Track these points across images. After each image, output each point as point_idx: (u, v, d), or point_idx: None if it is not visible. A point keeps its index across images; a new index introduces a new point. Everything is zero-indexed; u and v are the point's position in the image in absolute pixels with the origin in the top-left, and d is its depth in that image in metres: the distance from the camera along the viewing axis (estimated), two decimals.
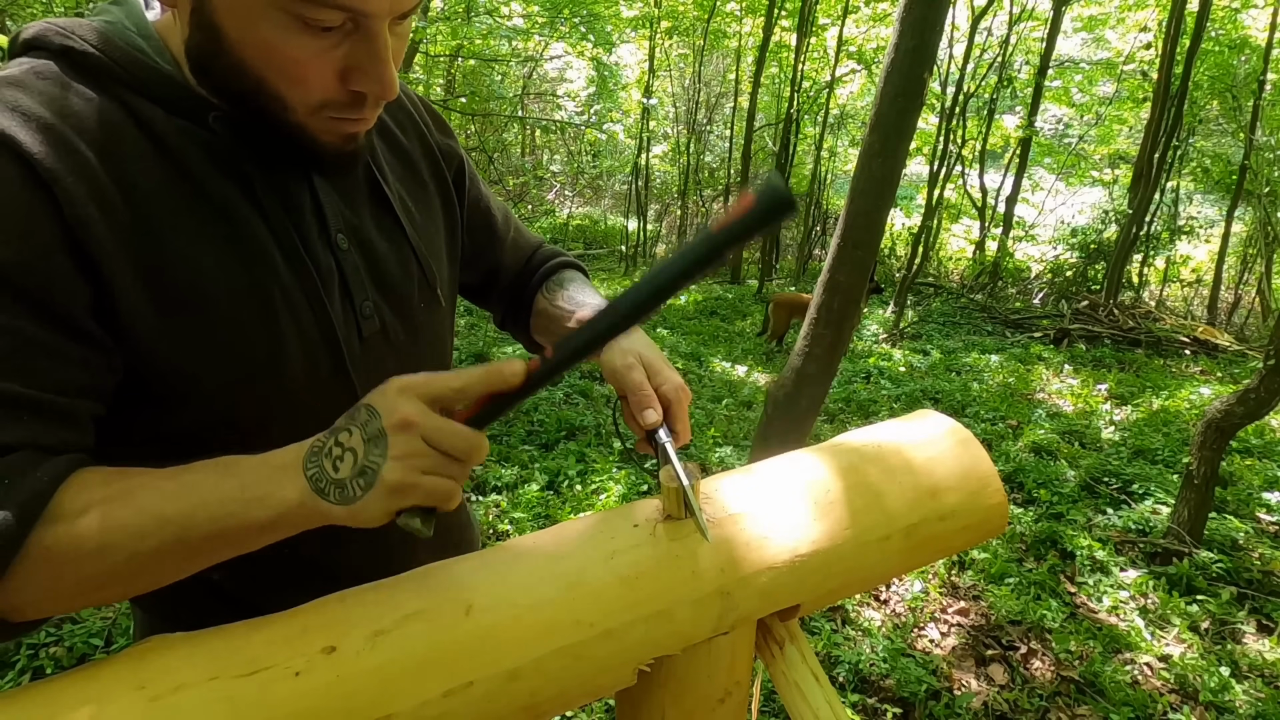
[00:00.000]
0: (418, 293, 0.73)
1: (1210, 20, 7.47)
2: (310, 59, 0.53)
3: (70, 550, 0.48)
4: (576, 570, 0.57)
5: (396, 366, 0.67)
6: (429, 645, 0.51)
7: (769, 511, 0.65)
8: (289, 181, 0.63)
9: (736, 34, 10.63)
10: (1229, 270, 9.61)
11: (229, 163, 0.59)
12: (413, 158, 0.77)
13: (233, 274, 0.58)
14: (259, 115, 0.56)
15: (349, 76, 0.55)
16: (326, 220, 0.65)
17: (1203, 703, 2.14)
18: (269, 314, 0.60)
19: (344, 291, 0.66)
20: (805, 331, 2.45)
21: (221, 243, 0.58)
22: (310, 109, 0.56)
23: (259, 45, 0.52)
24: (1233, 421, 2.64)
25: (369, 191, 0.71)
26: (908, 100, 2.18)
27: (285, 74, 0.54)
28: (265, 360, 0.61)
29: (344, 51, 0.54)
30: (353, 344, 0.67)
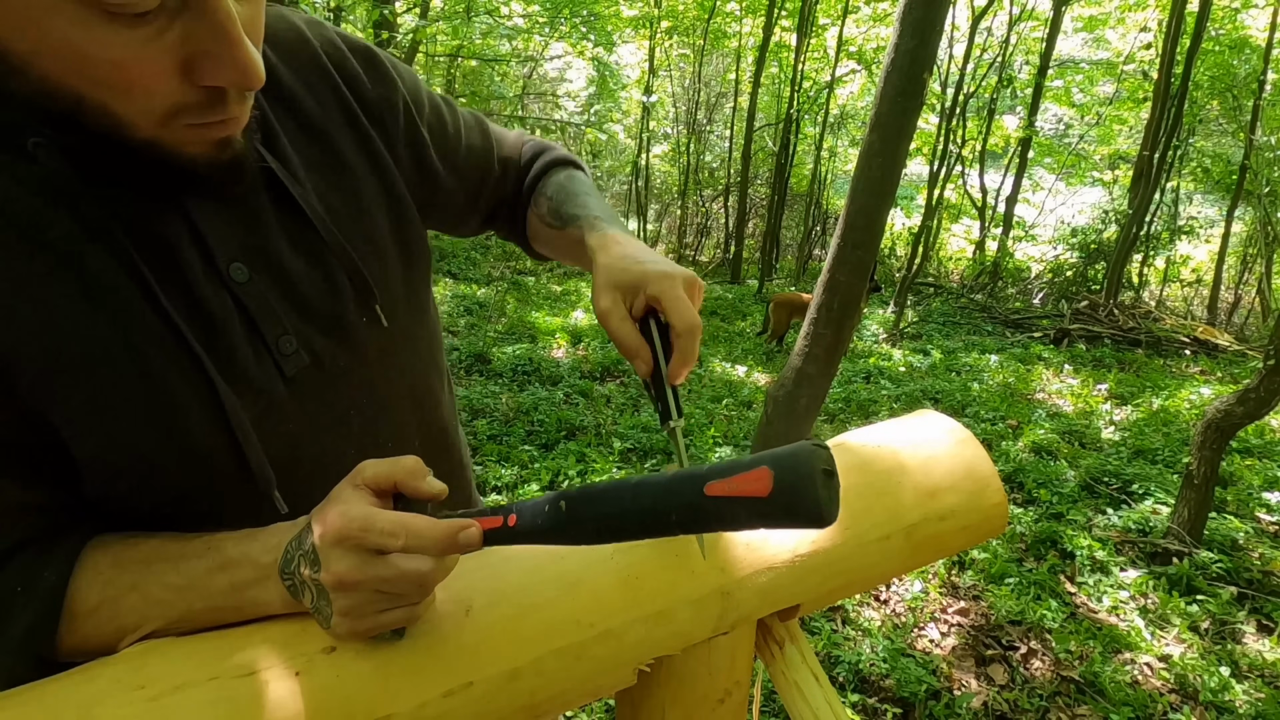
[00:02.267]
0: (353, 310, 0.61)
1: (1210, 20, 7.47)
2: (131, 58, 0.40)
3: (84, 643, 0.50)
4: (576, 570, 0.57)
5: (346, 400, 0.62)
6: (429, 645, 0.51)
7: None
8: (152, 211, 0.51)
9: (736, 34, 10.63)
10: (1229, 270, 9.61)
11: (67, 200, 0.47)
12: (326, 131, 0.62)
13: (91, 337, 0.48)
14: (95, 140, 0.44)
15: (193, 69, 0.43)
16: (212, 251, 0.53)
17: (1203, 703, 2.14)
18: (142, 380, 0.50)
19: (248, 330, 0.55)
20: (805, 331, 2.45)
21: (73, 301, 0.47)
22: (157, 120, 0.44)
23: (58, 52, 0.39)
24: (1233, 421, 2.64)
25: (272, 198, 0.57)
26: (908, 100, 2.18)
27: (106, 84, 0.41)
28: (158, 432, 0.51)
29: (176, 37, 0.41)
30: (272, 388, 0.56)
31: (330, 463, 0.59)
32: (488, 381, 4.54)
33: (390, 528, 0.45)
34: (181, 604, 0.50)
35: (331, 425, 0.61)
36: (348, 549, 0.45)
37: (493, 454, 3.50)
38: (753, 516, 0.38)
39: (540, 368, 4.80)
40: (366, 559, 0.45)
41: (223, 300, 0.54)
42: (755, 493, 0.38)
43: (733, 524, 0.39)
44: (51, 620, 0.49)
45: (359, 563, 0.45)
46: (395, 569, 0.45)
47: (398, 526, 0.45)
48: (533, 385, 4.52)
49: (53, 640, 0.50)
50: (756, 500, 0.38)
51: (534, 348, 5.29)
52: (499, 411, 4.02)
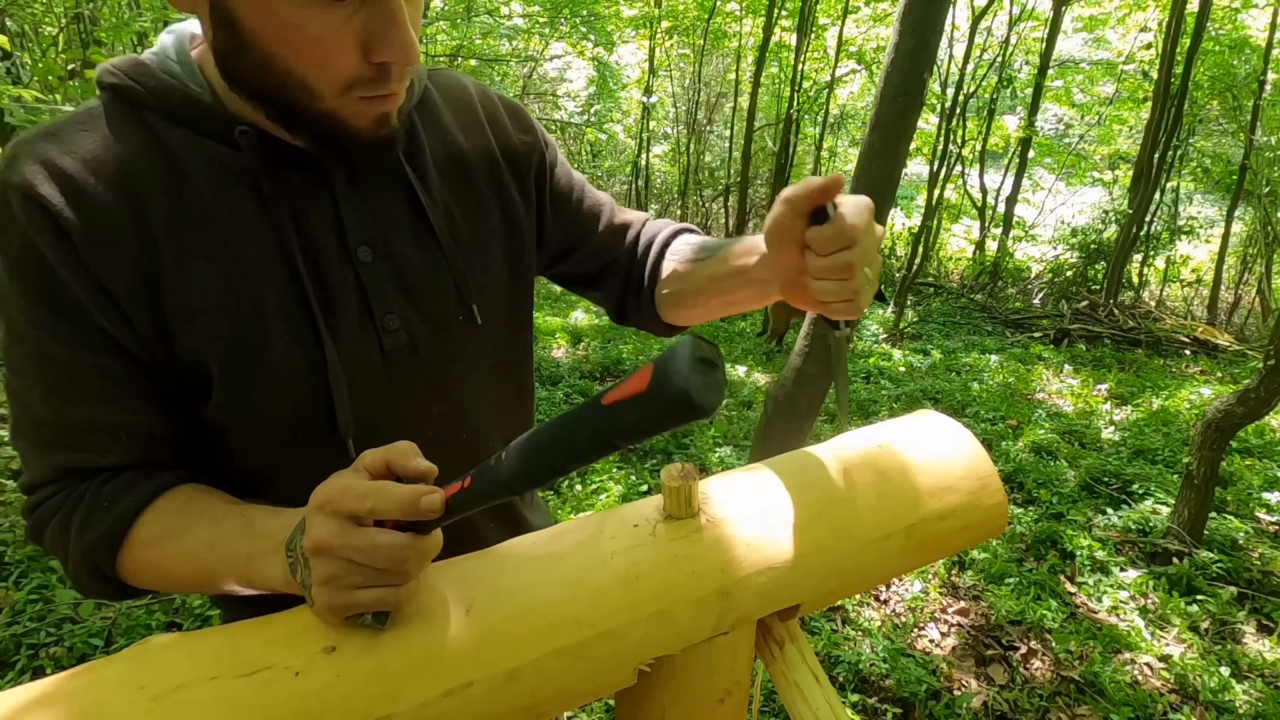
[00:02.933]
0: (453, 306, 0.71)
1: (1210, 20, 7.46)
2: (329, 35, 0.53)
3: (137, 569, 0.61)
4: (576, 570, 0.57)
5: (429, 383, 0.71)
6: (429, 645, 0.51)
7: (769, 511, 0.65)
8: (309, 195, 0.63)
9: (736, 34, 10.62)
10: (1229, 270, 9.60)
11: (248, 179, 0.61)
12: (469, 164, 0.74)
13: (241, 289, 0.60)
14: (290, 111, 0.57)
15: (370, 48, 0.55)
16: (346, 232, 0.64)
17: (1203, 703, 2.14)
18: (270, 326, 0.61)
19: (362, 304, 0.65)
20: (805, 331, 2.45)
21: (229, 260, 0.60)
22: (338, 91, 0.56)
23: (277, 29, 0.53)
24: (1233, 421, 2.64)
25: (407, 201, 0.69)
26: (908, 100, 2.18)
27: (308, 55, 0.54)
28: (269, 373, 0.62)
29: (360, 22, 0.54)
30: (372, 357, 0.66)
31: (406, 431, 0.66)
32: None
33: (363, 491, 0.48)
34: (208, 561, 0.57)
35: (413, 403, 0.70)
36: (327, 514, 0.48)
37: None
38: (641, 416, 0.38)
39: (540, 368, 4.80)
40: (344, 525, 0.48)
41: (346, 275, 0.64)
42: (638, 390, 0.38)
43: (630, 431, 0.39)
44: (114, 540, 0.59)
45: (336, 529, 0.48)
46: (369, 539, 0.48)
47: (369, 490, 0.48)
48: None
49: (112, 559, 0.60)
50: (639, 396, 0.38)
51: (534, 348, 5.29)
52: None
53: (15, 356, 0.59)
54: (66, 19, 5.68)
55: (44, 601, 2.19)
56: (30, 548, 2.37)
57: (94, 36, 5.36)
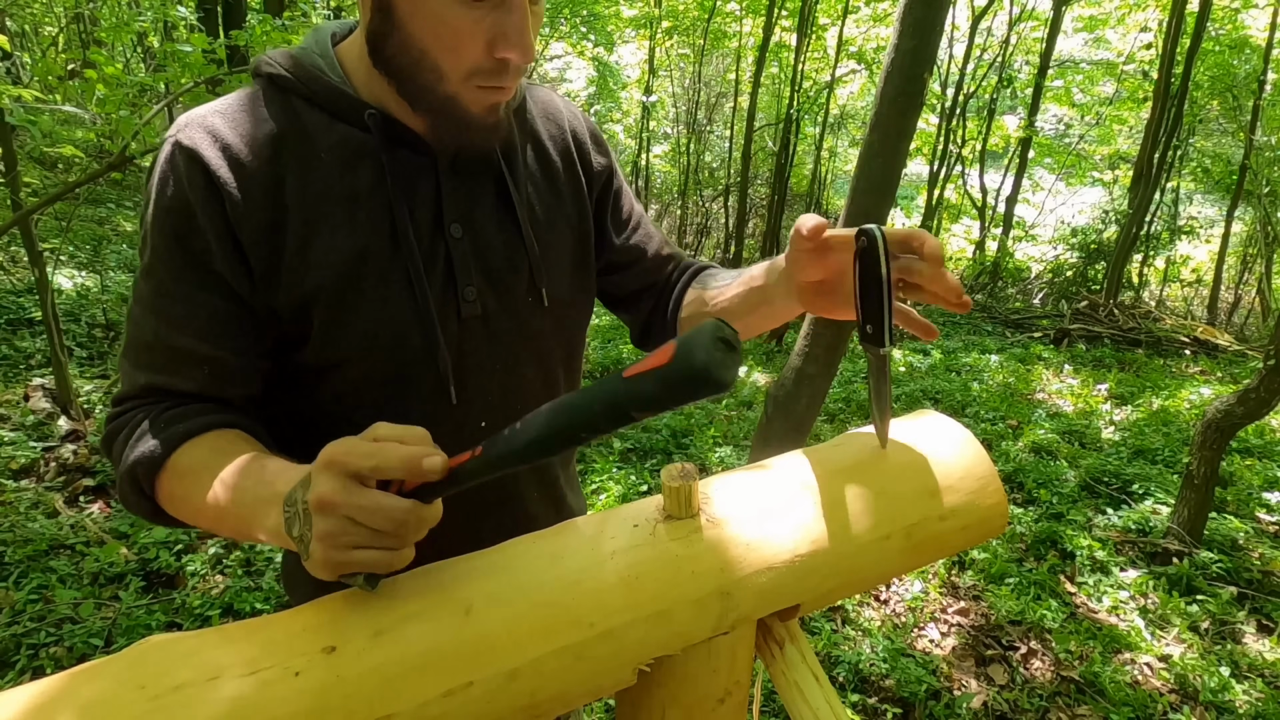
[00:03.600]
0: (525, 287, 0.79)
1: (1210, 20, 7.47)
2: (466, 28, 0.63)
3: (170, 496, 0.67)
4: (576, 570, 0.57)
5: (495, 354, 0.79)
6: (429, 645, 0.51)
7: (769, 511, 0.65)
8: (418, 174, 0.73)
9: (736, 34, 10.62)
10: (1229, 270, 9.60)
11: (371, 156, 0.71)
12: (554, 168, 0.84)
13: (351, 249, 0.70)
14: (419, 88, 0.67)
15: (495, 44, 0.64)
16: (443, 210, 0.74)
17: (1203, 703, 2.14)
18: (372, 287, 0.71)
19: (448, 274, 0.74)
20: (805, 331, 2.45)
21: (348, 224, 0.70)
22: (462, 76, 0.66)
23: (425, 18, 0.63)
24: (1233, 421, 2.64)
25: (496, 192, 0.78)
26: (908, 100, 2.18)
27: (444, 43, 0.64)
28: (364, 323, 0.71)
29: (491, 21, 0.64)
30: (449, 323, 0.75)
31: (473, 402, 0.78)
32: None
33: (368, 450, 0.50)
34: (221, 501, 0.61)
35: (478, 369, 0.78)
36: (334, 473, 0.50)
37: None
38: (661, 387, 0.40)
39: None
40: (348, 484, 0.50)
41: (438, 247, 0.74)
42: (660, 363, 0.40)
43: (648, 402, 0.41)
44: (156, 460, 0.66)
45: (341, 486, 0.50)
46: (372, 499, 0.50)
47: (374, 449, 0.50)
48: None
49: (151, 477, 0.67)
50: (661, 369, 0.40)
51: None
52: None
53: (142, 290, 0.70)
54: (66, 19, 5.68)
55: (44, 601, 2.19)
56: (29, 548, 2.37)
57: (94, 36, 5.36)
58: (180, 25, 4.07)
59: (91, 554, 2.41)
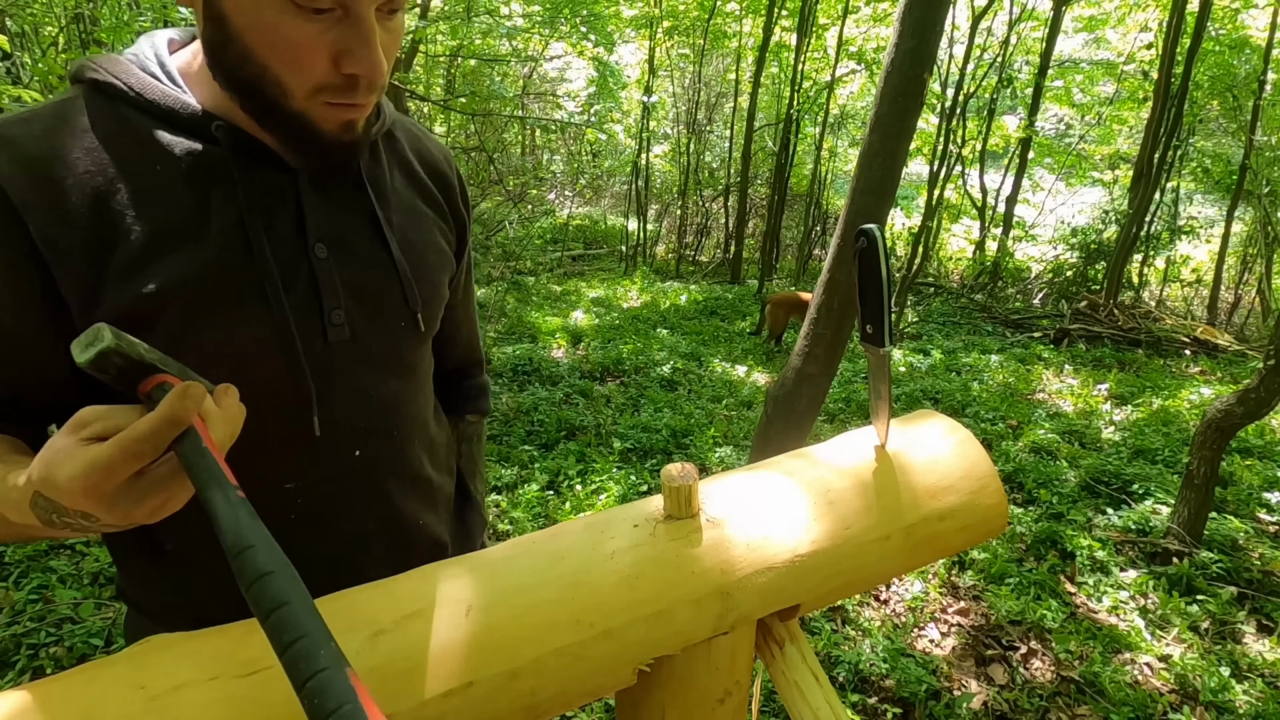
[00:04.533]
0: (398, 310, 0.75)
1: (1210, 20, 7.46)
2: (306, 42, 0.58)
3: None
4: (576, 570, 0.57)
5: (365, 379, 0.74)
6: (429, 645, 0.51)
7: (769, 511, 0.65)
8: (276, 190, 0.68)
9: (736, 34, 10.62)
10: (1229, 270, 9.60)
11: (220, 172, 0.65)
12: (424, 196, 0.81)
13: (198, 267, 0.63)
14: (263, 105, 0.62)
15: (341, 60, 0.60)
16: (306, 228, 0.69)
17: (1203, 703, 2.14)
18: (223, 310, 0.65)
19: (312, 295, 0.69)
20: (805, 331, 2.45)
21: (196, 241, 0.64)
22: (307, 92, 0.61)
23: (261, 30, 0.58)
24: (1233, 421, 2.64)
25: (365, 212, 0.74)
26: (908, 100, 2.18)
27: (285, 58, 0.59)
28: (213, 345, 0.65)
29: (335, 36, 0.59)
30: (314, 346, 0.69)
31: (341, 430, 0.73)
32: None
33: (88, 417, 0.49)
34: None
35: (347, 394, 0.73)
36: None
37: (493, 454, 3.50)
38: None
39: (540, 368, 4.80)
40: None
41: (300, 267, 0.68)
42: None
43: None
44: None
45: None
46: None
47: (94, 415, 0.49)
48: (533, 385, 4.52)
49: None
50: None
51: (534, 348, 5.29)
52: (499, 411, 4.02)
53: None
54: (66, 19, 5.68)
55: (44, 601, 2.19)
56: (30, 548, 2.37)
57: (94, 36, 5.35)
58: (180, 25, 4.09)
59: (91, 554, 2.41)
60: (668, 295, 7.94)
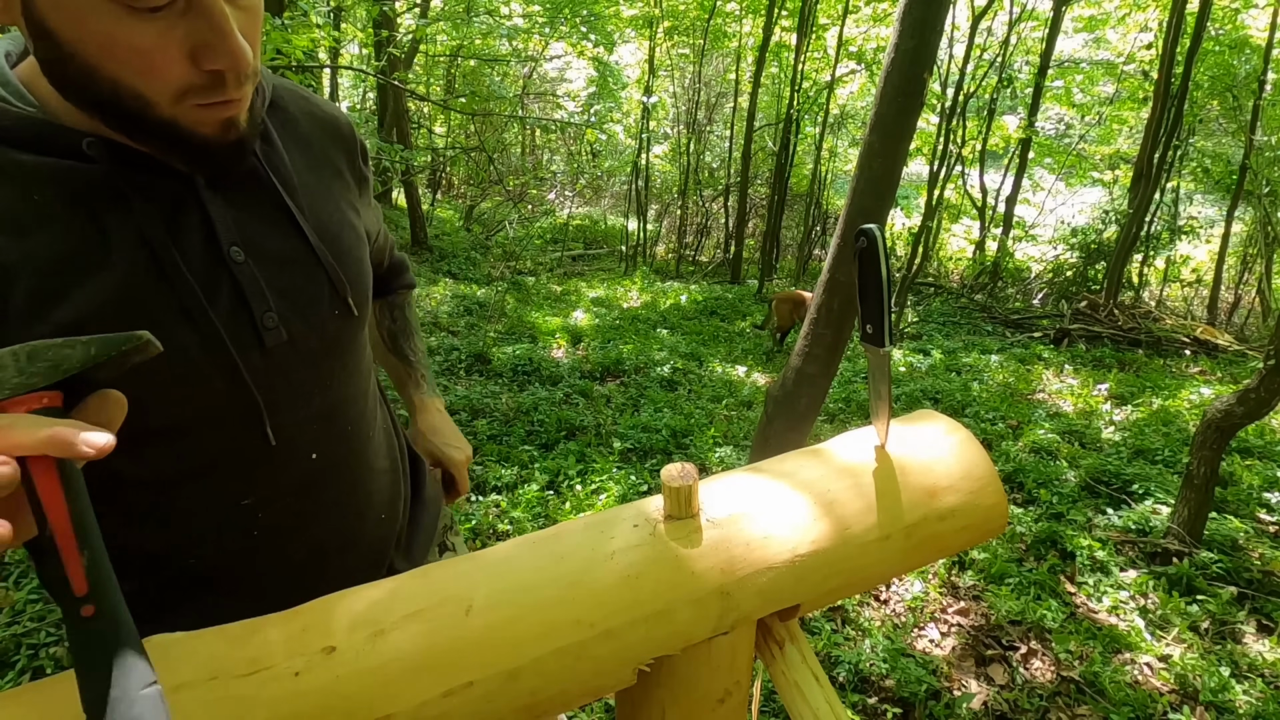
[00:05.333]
0: (328, 300, 0.72)
1: (1210, 20, 7.47)
2: (151, 45, 0.51)
3: None
4: (576, 570, 0.57)
5: (309, 379, 0.72)
6: (429, 645, 0.51)
7: (769, 511, 0.65)
8: (173, 199, 0.62)
9: (736, 34, 10.63)
10: (1229, 270, 9.60)
11: (106, 189, 0.58)
12: (327, 168, 0.76)
13: (108, 296, 0.57)
14: (128, 119, 0.55)
15: (198, 56, 0.53)
16: (217, 234, 0.64)
17: (1203, 703, 2.14)
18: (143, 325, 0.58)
19: (239, 303, 0.65)
20: (805, 331, 2.45)
21: (95, 273, 0.57)
22: (172, 99, 0.54)
23: (96, 41, 0.51)
24: (1233, 421, 2.64)
25: (271, 202, 0.69)
26: (908, 100, 2.18)
27: (133, 67, 0.52)
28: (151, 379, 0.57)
29: (184, 32, 0.52)
30: (251, 356, 0.65)
31: (295, 435, 0.70)
32: (487, 381, 4.54)
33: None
34: None
35: (294, 399, 0.70)
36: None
37: (493, 454, 3.50)
38: None
39: (540, 368, 4.80)
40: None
41: (220, 276, 0.64)
42: None
43: None
44: None
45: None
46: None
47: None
48: (533, 385, 4.52)
49: None
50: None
51: (534, 348, 5.29)
52: (499, 411, 4.02)
53: None
54: None
55: (44, 601, 2.19)
56: None
57: None
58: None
59: None
60: (668, 295, 7.94)
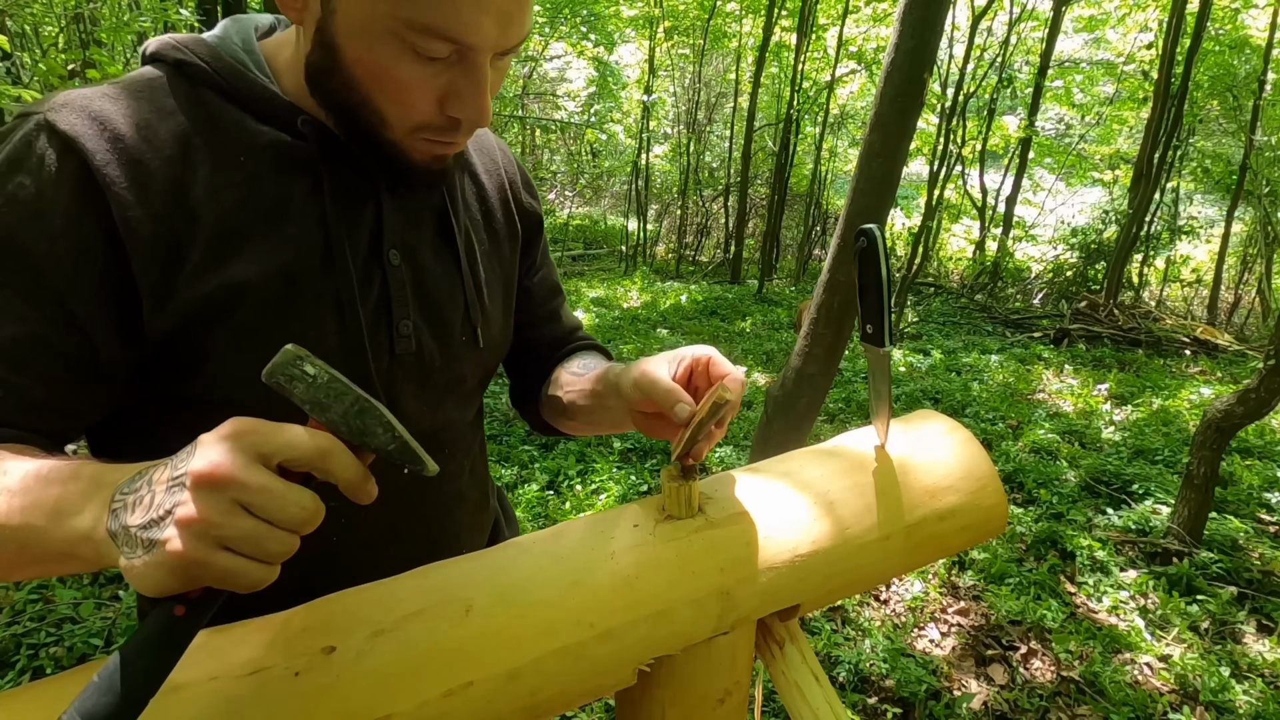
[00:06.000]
0: (461, 324, 0.73)
1: (1210, 20, 7.46)
2: (416, 83, 0.57)
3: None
4: (576, 570, 0.57)
5: (424, 395, 0.72)
6: (429, 645, 0.51)
7: (769, 511, 0.65)
8: (357, 191, 0.66)
9: (736, 34, 10.63)
10: (1229, 270, 9.60)
11: (304, 166, 0.63)
12: (490, 204, 0.80)
13: (274, 267, 0.61)
14: (361, 130, 0.61)
15: (448, 102, 0.59)
16: (383, 234, 0.67)
17: (1203, 703, 2.14)
18: (296, 310, 0.62)
19: (383, 305, 0.67)
20: (805, 331, 2.45)
21: (272, 239, 0.61)
22: (408, 129, 0.60)
23: (371, 66, 0.56)
24: (1233, 421, 2.64)
25: (436, 220, 0.72)
26: (908, 100, 2.18)
27: (391, 95, 0.58)
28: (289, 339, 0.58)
29: (446, 80, 0.57)
30: (381, 358, 0.67)
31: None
32: None
33: (278, 427, 0.42)
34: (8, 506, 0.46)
35: (405, 411, 0.69)
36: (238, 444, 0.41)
37: (493, 454, 3.50)
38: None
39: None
40: (252, 460, 0.41)
41: (374, 274, 0.67)
42: None
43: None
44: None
45: (243, 461, 0.40)
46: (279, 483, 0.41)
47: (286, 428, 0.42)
48: None
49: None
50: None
51: None
52: (499, 411, 4.02)
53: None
54: (66, 19, 5.68)
55: (44, 601, 2.19)
56: None
57: (94, 36, 5.35)
58: (181, 26, 4.08)
59: None
60: (668, 295, 7.94)
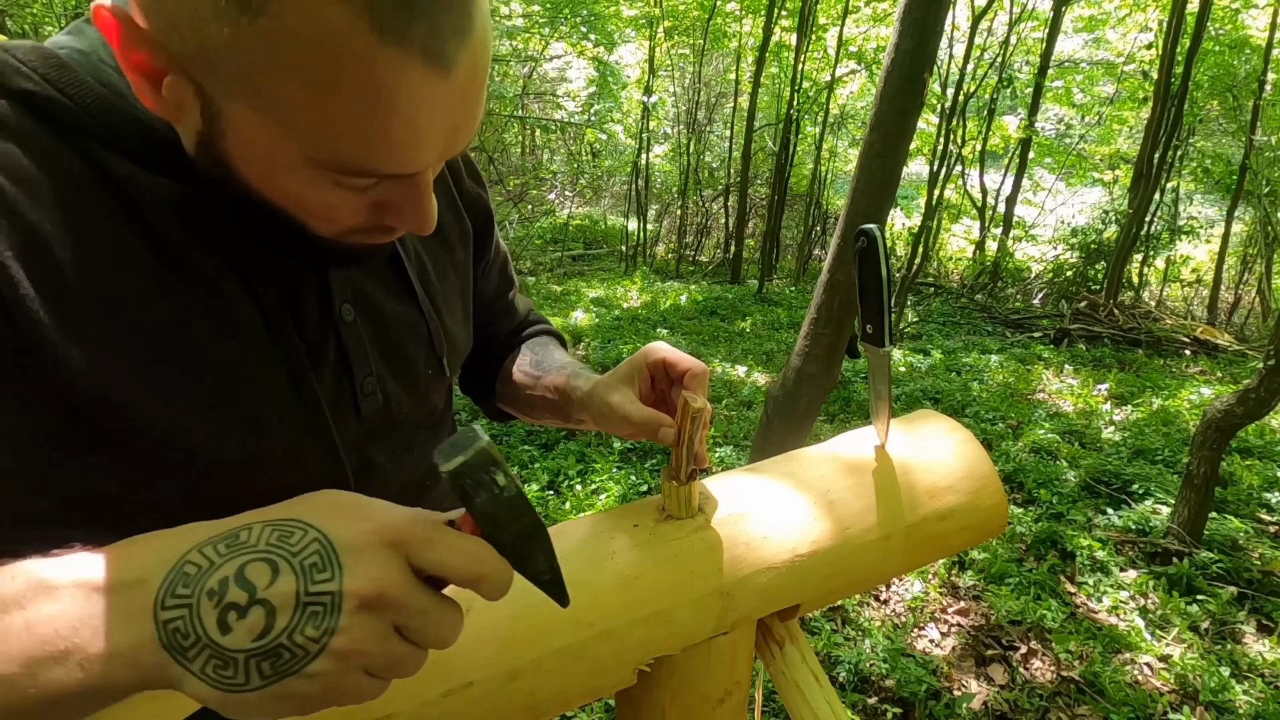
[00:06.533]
0: (425, 358, 0.68)
1: (1210, 20, 7.46)
2: (339, 205, 0.47)
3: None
4: (576, 570, 0.57)
5: (397, 442, 0.67)
6: None
7: (769, 511, 0.65)
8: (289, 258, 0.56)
9: (736, 34, 10.62)
10: (1229, 270, 9.60)
11: (216, 227, 0.51)
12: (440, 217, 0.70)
13: (205, 348, 0.51)
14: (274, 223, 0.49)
15: (384, 213, 0.49)
16: (331, 291, 0.58)
17: (1203, 703, 2.14)
18: (242, 392, 0.53)
19: (342, 368, 0.59)
20: (805, 331, 2.45)
21: (195, 315, 0.51)
22: (337, 234, 0.51)
23: (282, 192, 0.46)
24: (1233, 421, 2.64)
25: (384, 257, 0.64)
26: (908, 100, 2.18)
27: (311, 213, 0.48)
28: (236, 438, 0.53)
29: (379, 193, 0.48)
30: (347, 426, 0.60)
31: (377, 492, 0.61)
32: None
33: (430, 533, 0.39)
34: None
35: (382, 466, 0.66)
36: (397, 555, 0.37)
37: None
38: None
39: None
40: (408, 575, 0.37)
41: (327, 336, 0.58)
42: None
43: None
44: None
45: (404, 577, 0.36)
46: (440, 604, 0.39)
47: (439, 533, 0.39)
48: None
49: None
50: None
51: None
52: None
53: None
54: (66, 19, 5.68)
55: None
56: None
57: None
58: None
59: None
60: (668, 295, 7.94)
